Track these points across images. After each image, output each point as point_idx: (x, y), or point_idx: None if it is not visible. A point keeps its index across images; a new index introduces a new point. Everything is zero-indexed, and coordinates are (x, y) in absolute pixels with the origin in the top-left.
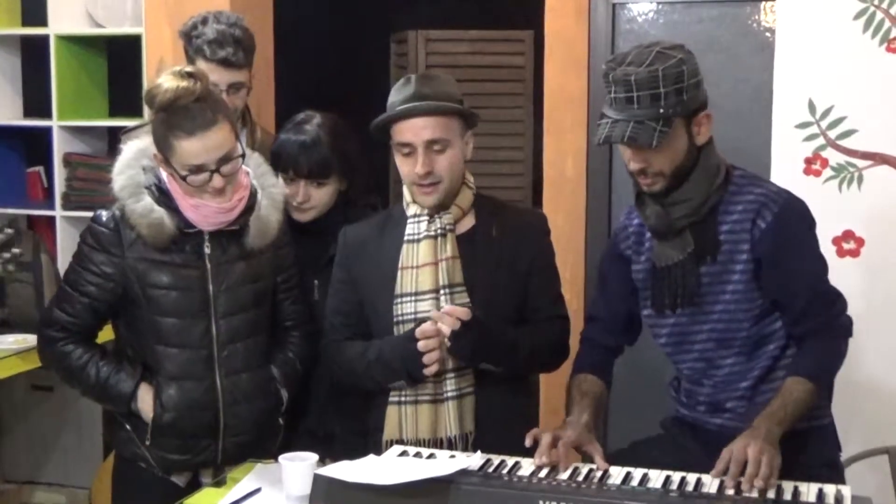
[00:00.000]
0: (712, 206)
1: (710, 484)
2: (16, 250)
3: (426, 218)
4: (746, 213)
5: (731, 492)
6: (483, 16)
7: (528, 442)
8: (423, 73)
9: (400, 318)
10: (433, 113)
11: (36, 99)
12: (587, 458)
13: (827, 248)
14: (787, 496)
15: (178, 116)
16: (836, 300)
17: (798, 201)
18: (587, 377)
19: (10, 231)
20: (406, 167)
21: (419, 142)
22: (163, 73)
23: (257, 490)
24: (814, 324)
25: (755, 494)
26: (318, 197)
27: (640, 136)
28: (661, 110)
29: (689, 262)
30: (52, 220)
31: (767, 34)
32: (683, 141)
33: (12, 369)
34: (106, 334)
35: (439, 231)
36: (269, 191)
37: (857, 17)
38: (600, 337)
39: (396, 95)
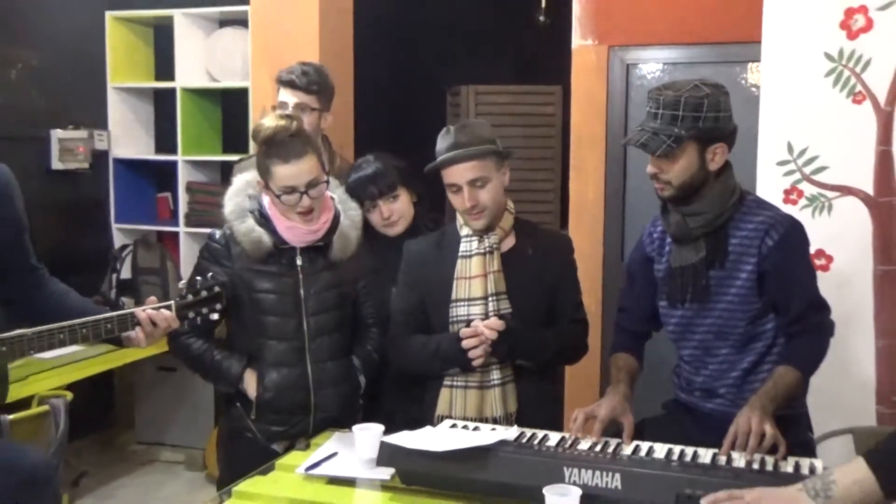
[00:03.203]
0: (725, 220)
1: (705, 455)
2: None
3: (476, 238)
4: (756, 231)
5: (722, 461)
6: (521, 73)
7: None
8: (460, 123)
9: (455, 319)
10: (470, 158)
11: (165, 138)
12: (618, 426)
13: None
14: (769, 468)
15: (276, 147)
16: (823, 308)
17: (799, 224)
18: (622, 355)
19: None
20: (456, 201)
21: (463, 182)
22: (266, 116)
23: (335, 453)
24: (806, 325)
25: (742, 465)
26: (397, 209)
27: (650, 144)
28: (676, 129)
29: (700, 266)
30: (176, 235)
31: (753, 89)
32: (694, 162)
33: (144, 353)
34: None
35: (487, 249)
36: (349, 213)
37: (828, 74)
38: (630, 324)
39: (441, 143)
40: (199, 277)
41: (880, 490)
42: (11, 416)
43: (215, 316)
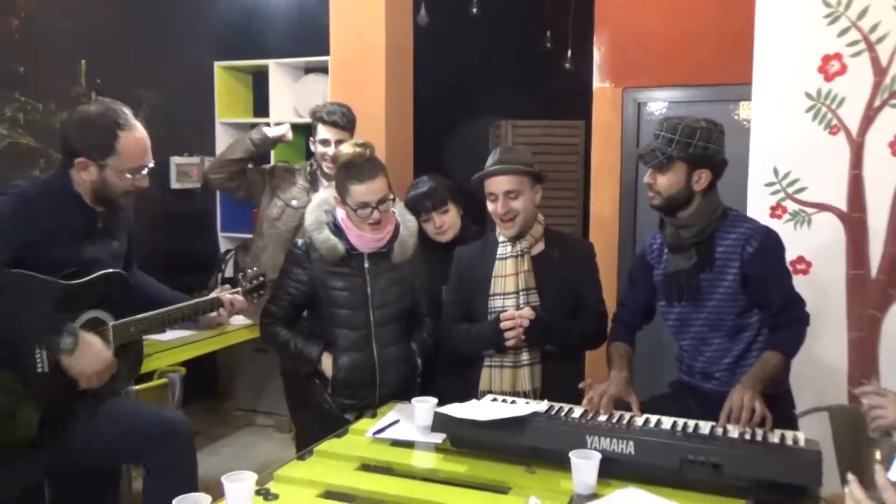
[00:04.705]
0: (711, 232)
1: (704, 427)
2: None
3: (510, 244)
4: (738, 240)
5: (719, 432)
6: (551, 110)
7: (582, 385)
8: (507, 147)
9: (492, 310)
10: (508, 173)
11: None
12: (625, 405)
13: None
14: (759, 438)
15: (354, 169)
16: (799, 301)
17: (774, 233)
18: (621, 344)
19: None
20: (492, 208)
21: (499, 192)
22: (344, 145)
23: (397, 421)
24: (785, 318)
25: (736, 435)
26: (447, 220)
27: (646, 157)
28: (670, 149)
29: (692, 270)
30: None
31: (745, 122)
32: (681, 179)
33: (242, 337)
34: None
35: (519, 253)
36: (407, 224)
37: (808, 110)
38: (628, 318)
39: (488, 160)
40: (250, 271)
41: None
42: (137, 387)
43: (265, 297)
